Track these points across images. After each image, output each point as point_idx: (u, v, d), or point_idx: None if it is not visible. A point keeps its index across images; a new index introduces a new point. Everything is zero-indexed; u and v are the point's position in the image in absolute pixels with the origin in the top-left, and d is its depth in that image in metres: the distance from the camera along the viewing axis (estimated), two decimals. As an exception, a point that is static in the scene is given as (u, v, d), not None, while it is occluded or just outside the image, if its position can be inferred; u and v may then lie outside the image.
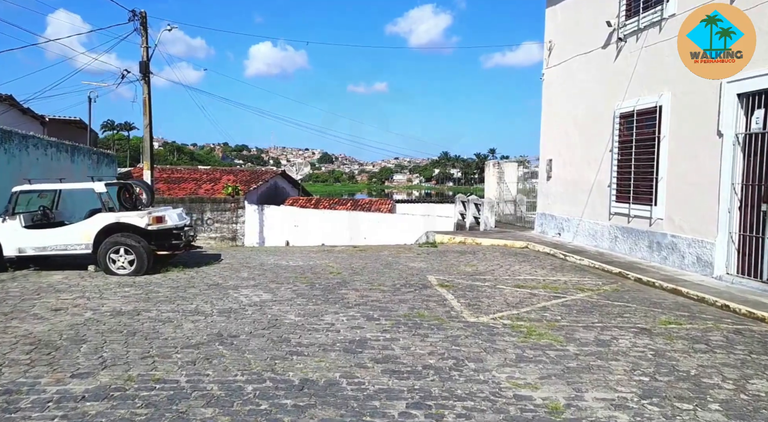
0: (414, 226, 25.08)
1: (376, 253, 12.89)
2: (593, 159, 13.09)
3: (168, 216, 9.75)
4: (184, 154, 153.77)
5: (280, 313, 6.81)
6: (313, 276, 9.51)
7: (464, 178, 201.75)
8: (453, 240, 15.19)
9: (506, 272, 10.22)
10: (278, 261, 11.33)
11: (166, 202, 24.24)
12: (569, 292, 8.44)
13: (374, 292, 8.14)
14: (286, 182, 34.36)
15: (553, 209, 15.32)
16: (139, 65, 17.39)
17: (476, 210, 18.75)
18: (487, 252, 12.93)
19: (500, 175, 20.26)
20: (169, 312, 6.78)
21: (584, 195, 13.49)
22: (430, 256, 12.27)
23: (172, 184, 29.13)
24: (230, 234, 25.54)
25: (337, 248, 14.24)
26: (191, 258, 11.29)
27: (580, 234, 13.70)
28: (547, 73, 15.70)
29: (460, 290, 8.41)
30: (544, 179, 15.85)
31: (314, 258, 11.90)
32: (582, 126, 13.71)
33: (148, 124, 17.62)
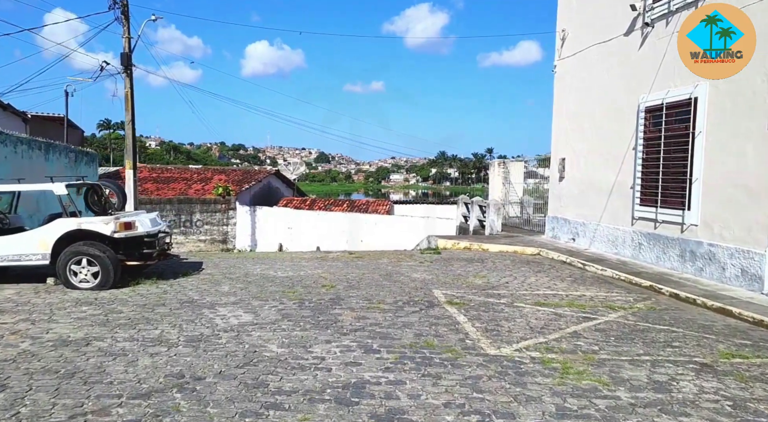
0: (413, 228, 23.93)
1: (374, 261, 11.72)
2: (613, 158, 11.94)
3: (139, 221, 8.55)
4: (180, 153, 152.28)
5: (260, 342, 5.62)
6: (304, 290, 8.33)
7: (461, 177, 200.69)
8: (457, 245, 14.02)
9: (522, 285, 9.06)
10: (265, 271, 10.14)
11: (153, 203, 23.06)
12: (599, 312, 7.28)
13: (373, 312, 6.96)
14: (280, 182, 33.16)
15: (566, 212, 14.17)
16: (121, 57, 16.18)
17: (481, 212, 17.59)
18: (497, 261, 11.77)
19: (506, 175, 19.11)
20: (126, 341, 5.59)
21: (602, 197, 12.34)
22: (433, 265, 11.10)
23: (162, 183, 27.92)
24: (221, 236, 24.33)
25: (332, 254, 13.06)
26: (169, 268, 10.10)
27: (598, 241, 12.54)
28: (560, 64, 14.54)
29: (472, 309, 7.24)
30: (556, 180, 14.70)
31: (306, 267, 10.72)
32: (600, 122, 12.55)
33: (131, 120, 16.41)
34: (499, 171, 19.17)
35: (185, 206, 23.75)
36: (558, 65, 14.67)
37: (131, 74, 16.37)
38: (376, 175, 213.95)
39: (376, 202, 29.48)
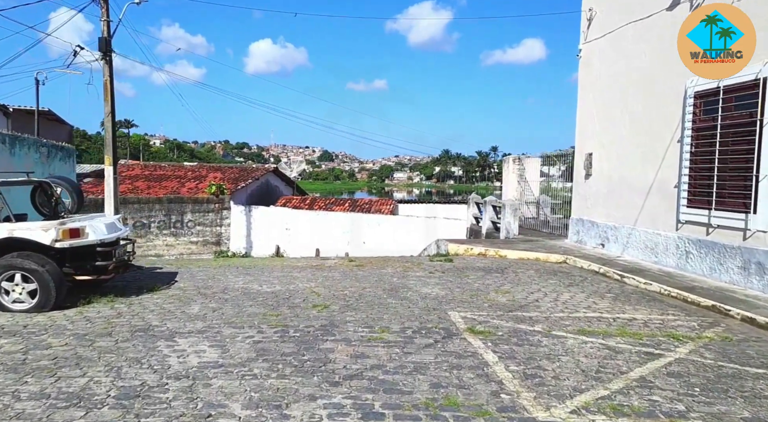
0: (419, 229, 22.40)
1: (377, 270, 10.18)
2: (652, 152, 10.37)
3: (91, 227, 7.01)
4: (184, 151, 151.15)
5: (220, 400, 4.08)
6: (290, 312, 6.78)
7: (466, 176, 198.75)
8: (471, 251, 12.46)
9: (555, 304, 7.50)
10: (249, 284, 8.60)
11: (141, 202, 21.56)
12: (662, 344, 5.72)
13: (375, 346, 5.42)
14: (279, 180, 31.62)
15: (593, 214, 12.59)
16: (99, 42, 14.65)
17: (495, 213, 16.01)
18: (519, 270, 10.21)
19: (521, 172, 17.52)
20: (31, 400, 4.05)
21: (638, 197, 10.76)
22: (446, 276, 9.56)
23: (154, 181, 26.42)
24: (213, 238, 22.83)
25: (329, 262, 11.52)
26: (134, 282, 8.60)
27: (633, 247, 10.97)
28: (586, 48, 12.95)
29: (502, 341, 5.69)
30: (581, 177, 13.12)
31: (297, 278, 9.18)
32: (636, 111, 10.97)
33: (110, 112, 14.88)
34: (514, 168, 17.60)
35: (176, 205, 22.25)
36: (583, 49, 13.08)
37: (110, 61, 14.85)
38: (380, 174, 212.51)
39: (379, 202, 27.92)
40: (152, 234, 21.82)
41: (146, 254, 21.76)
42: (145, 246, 21.67)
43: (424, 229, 22.28)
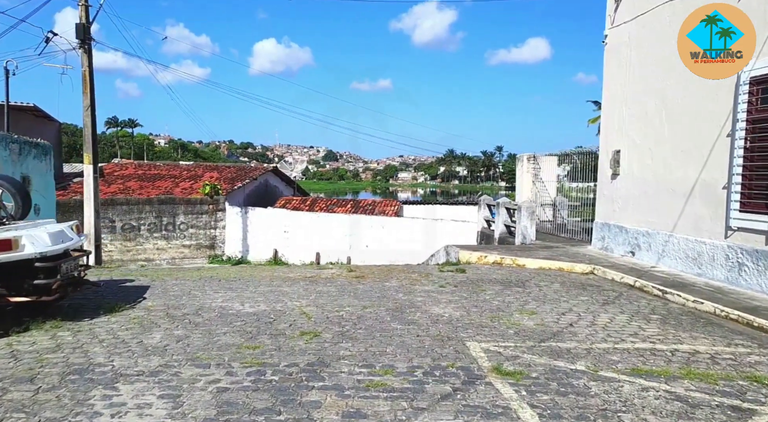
0: (425, 233, 21.12)
1: (379, 283, 8.90)
2: (694, 148, 9.06)
3: (28, 237, 5.74)
4: (188, 151, 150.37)
5: None
6: (271, 342, 5.51)
7: (470, 176, 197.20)
8: (484, 259, 11.17)
9: (594, 329, 6.20)
10: (228, 302, 7.33)
11: (130, 204, 20.36)
12: (746, 392, 4.42)
13: (375, 398, 4.14)
14: (278, 180, 30.39)
15: (621, 218, 11.27)
16: (76, 29, 13.41)
17: (508, 216, 14.71)
18: (542, 283, 8.92)
19: (536, 171, 16.21)
20: None
21: (677, 199, 9.46)
22: (460, 291, 8.27)
23: (147, 181, 25.22)
24: (207, 241, 21.60)
25: (326, 272, 10.24)
26: (96, 298, 7.34)
27: (670, 256, 9.65)
28: (613, 34, 11.64)
29: (539, 388, 4.40)
30: (607, 177, 11.80)
31: (287, 294, 7.90)
32: (674, 101, 9.65)
33: (89, 105, 13.67)
34: (529, 167, 16.27)
35: (167, 207, 21.01)
36: (610, 35, 11.77)
37: (89, 50, 13.63)
38: (384, 173, 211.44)
39: (383, 203, 26.64)
40: (142, 237, 20.61)
41: (135, 258, 20.56)
42: (135, 250, 20.47)
43: (430, 232, 21.00)
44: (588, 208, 14.67)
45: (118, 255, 20.10)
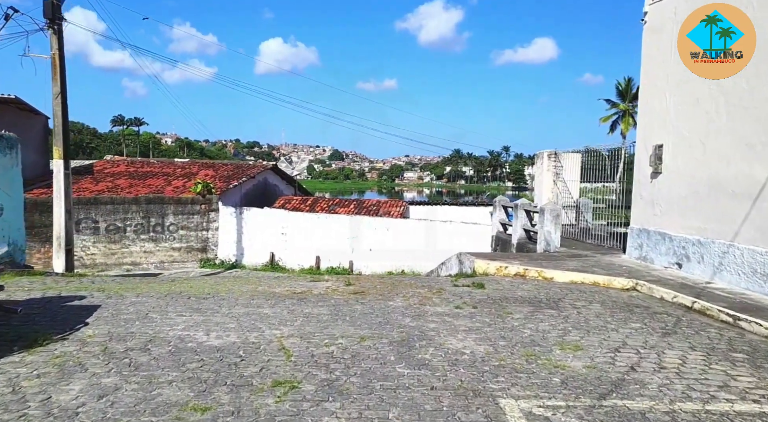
0: (433, 235, 19.57)
1: (382, 301, 7.38)
2: (761, 142, 7.50)
3: None
4: (194, 149, 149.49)
5: None
6: (229, 399, 3.99)
7: (477, 176, 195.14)
8: (504, 270, 9.61)
9: (665, 376, 4.66)
10: (191, 330, 5.81)
11: (115, 203, 18.91)
12: None
13: None
14: (279, 179, 28.89)
15: (664, 223, 9.70)
16: (44, 7, 11.94)
17: (528, 219, 13.15)
18: (578, 302, 7.38)
19: (558, 170, 14.62)
20: None
21: (739, 202, 7.89)
22: (480, 313, 6.74)
23: (138, 179, 23.78)
24: (199, 243, 20.12)
25: (320, 285, 8.71)
26: (25, 323, 5.85)
27: (729, 270, 8.08)
28: (654, 10, 10.06)
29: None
30: (646, 176, 10.23)
31: (266, 318, 6.39)
32: (736, 86, 8.08)
33: (59, 93, 12.20)
34: (549, 165, 14.69)
35: (155, 207, 19.55)
36: (650, 11, 10.19)
37: (60, 31, 12.16)
38: (390, 173, 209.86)
39: (388, 203, 25.09)
40: (128, 239, 19.14)
41: (121, 262, 19.12)
42: (120, 253, 19.01)
43: (439, 236, 19.45)
44: (617, 210, 13.11)
45: (102, 259, 18.65)
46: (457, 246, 18.48)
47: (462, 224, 19.91)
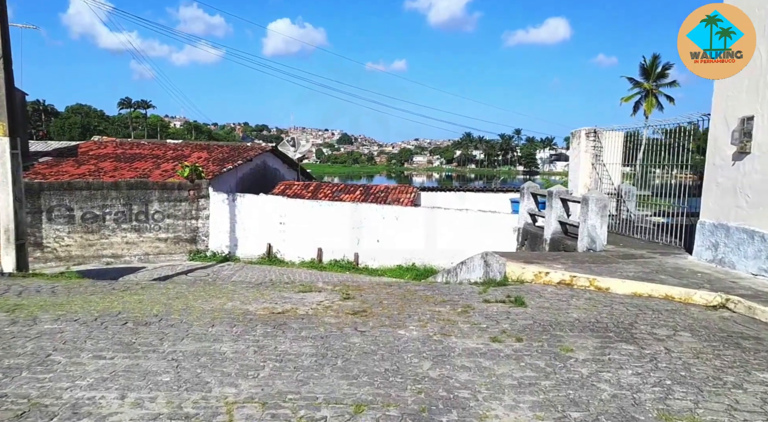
0: (448, 226, 17.53)
1: (389, 328, 5.37)
2: None
3: None
4: (202, 133, 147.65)
5: None
6: None
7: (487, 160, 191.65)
8: (544, 276, 7.56)
9: None
10: (93, 393, 3.83)
11: (92, 189, 16.95)
12: None
13: None
14: (279, 163, 26.87)
15: (752, 217, 7.58)
16: (-17, -48, 9.86)
17: (564, 210, 11.06)
18: (658, 330, 5.33)
19: (597, 151, 12.46)
20: None
21: None
22: (528, 348, 4.72)
23: (124, 162, 21.86)
24: (188, 233, 18.20)
25: (310, 298, 6.69)
26: None
27: None
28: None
29: None
30: (725, 157, 8.09)
31: (221, 363, 4.41)
32: None
33: (1, 55, 10.17)
34: (587, 146, 12.52)
35: (138, 193, 17.59)
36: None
37: None
38: (399, 157, 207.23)
39: (397, 189, 23.01)
40: (107, 228, 17.24)
41: (100, 254, 17.24)
42: (99, 244, 17.11)
43: (454, 226, 17.40)
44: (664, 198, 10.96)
45: (78, 251, 16.78)
46: (474, 237, 16.43)
47: (480, 213, 17.85)
